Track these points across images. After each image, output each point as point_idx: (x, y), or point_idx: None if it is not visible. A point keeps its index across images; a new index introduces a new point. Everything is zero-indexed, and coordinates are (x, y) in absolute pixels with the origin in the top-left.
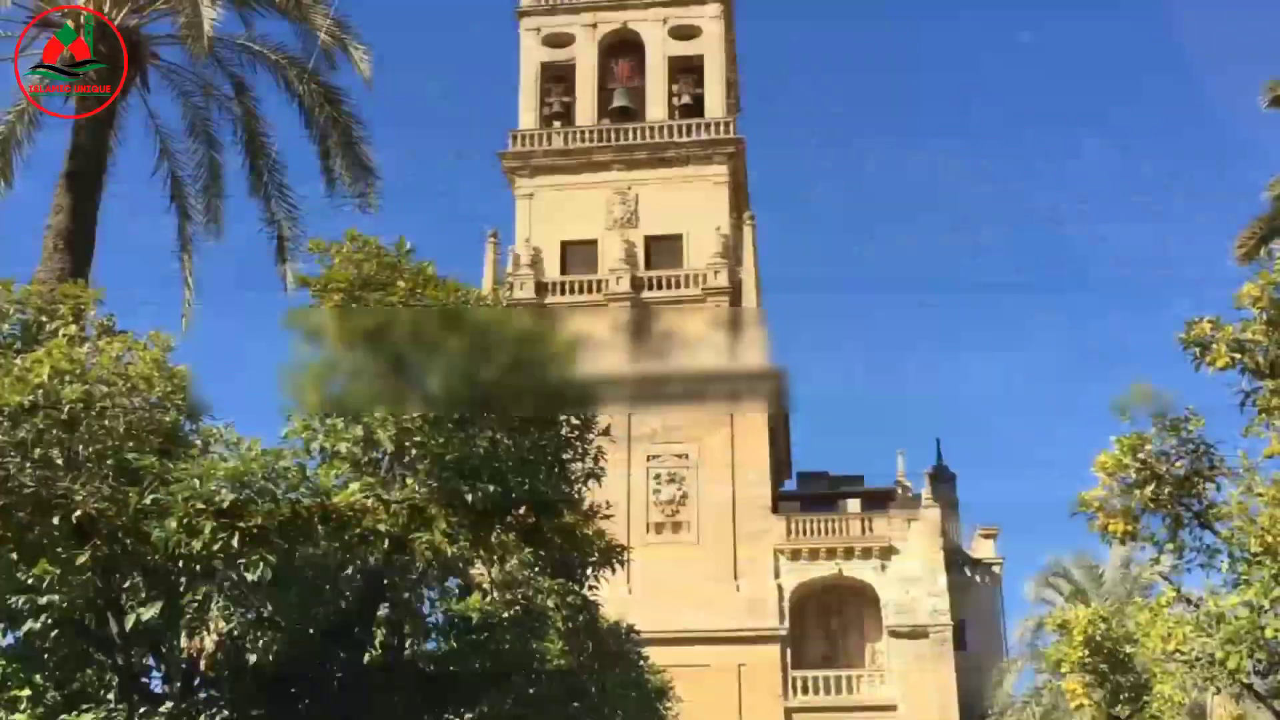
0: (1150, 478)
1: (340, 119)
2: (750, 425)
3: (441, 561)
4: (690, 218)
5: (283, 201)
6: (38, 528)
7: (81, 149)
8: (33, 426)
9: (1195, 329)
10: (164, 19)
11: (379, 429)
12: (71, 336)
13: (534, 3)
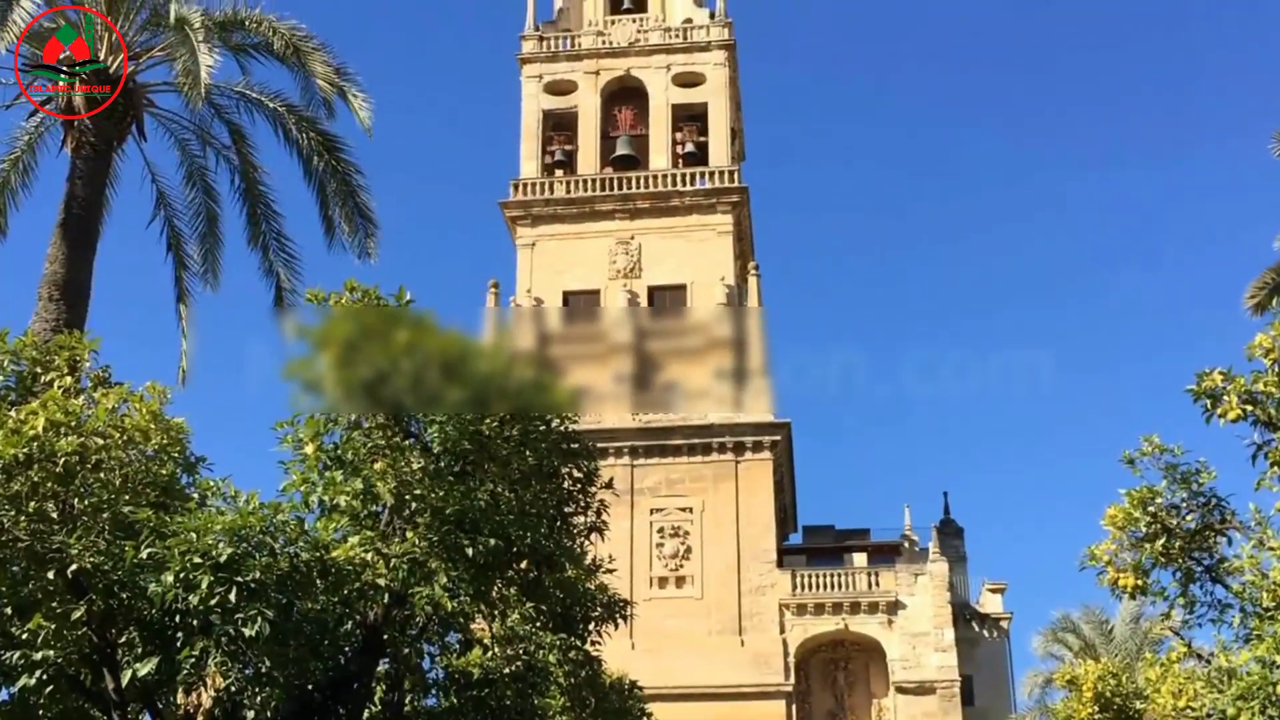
0: (1160, 531)
1: (339, 167)
2: (755, 478)
3: (442, 616)
4: (694, 268)
5: (281, 251)
6: (32, 582)
7: (77, 197)
8: (27, 479)
9: (1206, 380)
10: (160, 66)
11: (378, 482)
12: (67, 388)
13: (535, 50)
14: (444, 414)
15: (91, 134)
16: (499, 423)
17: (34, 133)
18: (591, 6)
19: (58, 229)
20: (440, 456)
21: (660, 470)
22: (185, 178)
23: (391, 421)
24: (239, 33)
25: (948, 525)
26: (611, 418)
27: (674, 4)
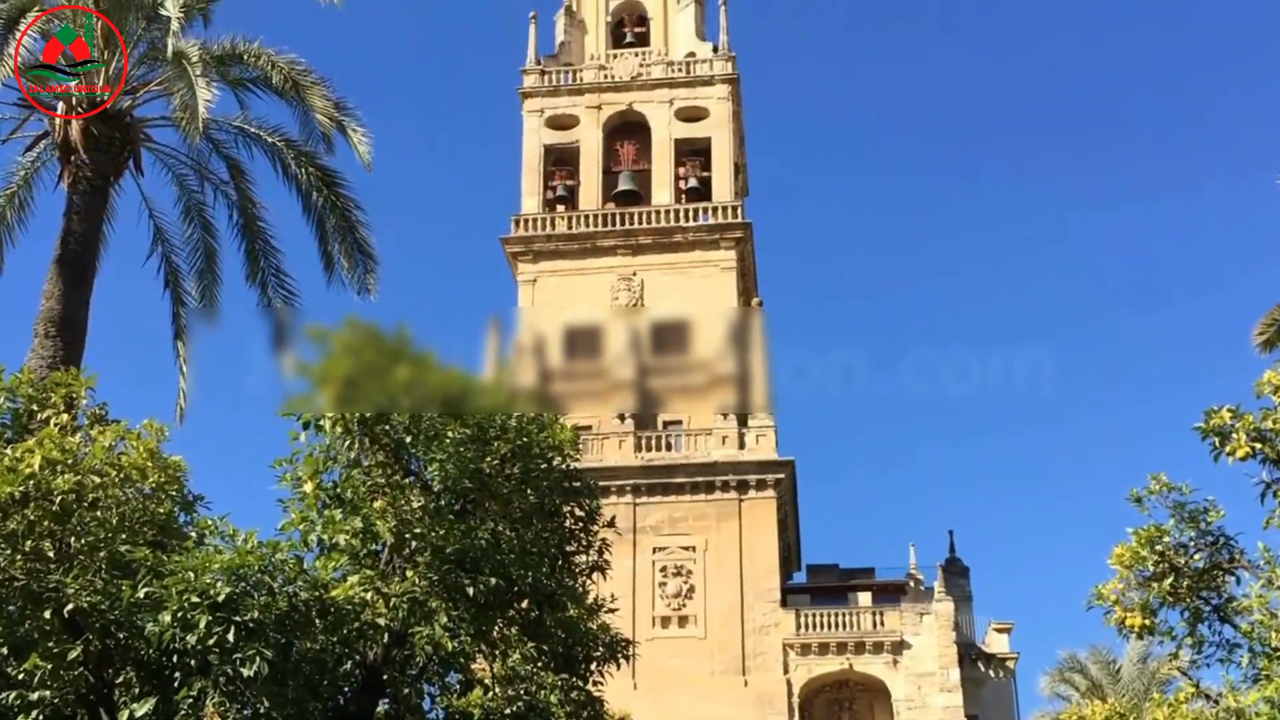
0: (1168, 570)
1: (339, 203)
2: (759, 516)
3: (442, 656)
4: (697, 303)
5: (280, 287)
6: (29, 621)
7: (73, 233)
8: (23, 518)
9: (1214, 418)
10: (158, 100)
11: (378, 520)
12: (63, 426)
13: (536, 84)
14: (444, 452)
15: (88, 169)
16: (500, 461)
17: (30, 168)
18: (593, 40)
19: (54, 265)
20: (441, 495)
21: (663, 509)
22: (183, 213)
23: (391, 459)
24: (237, 67)
25: (953, 564)
26: (614, 456)
27: (677, 38)
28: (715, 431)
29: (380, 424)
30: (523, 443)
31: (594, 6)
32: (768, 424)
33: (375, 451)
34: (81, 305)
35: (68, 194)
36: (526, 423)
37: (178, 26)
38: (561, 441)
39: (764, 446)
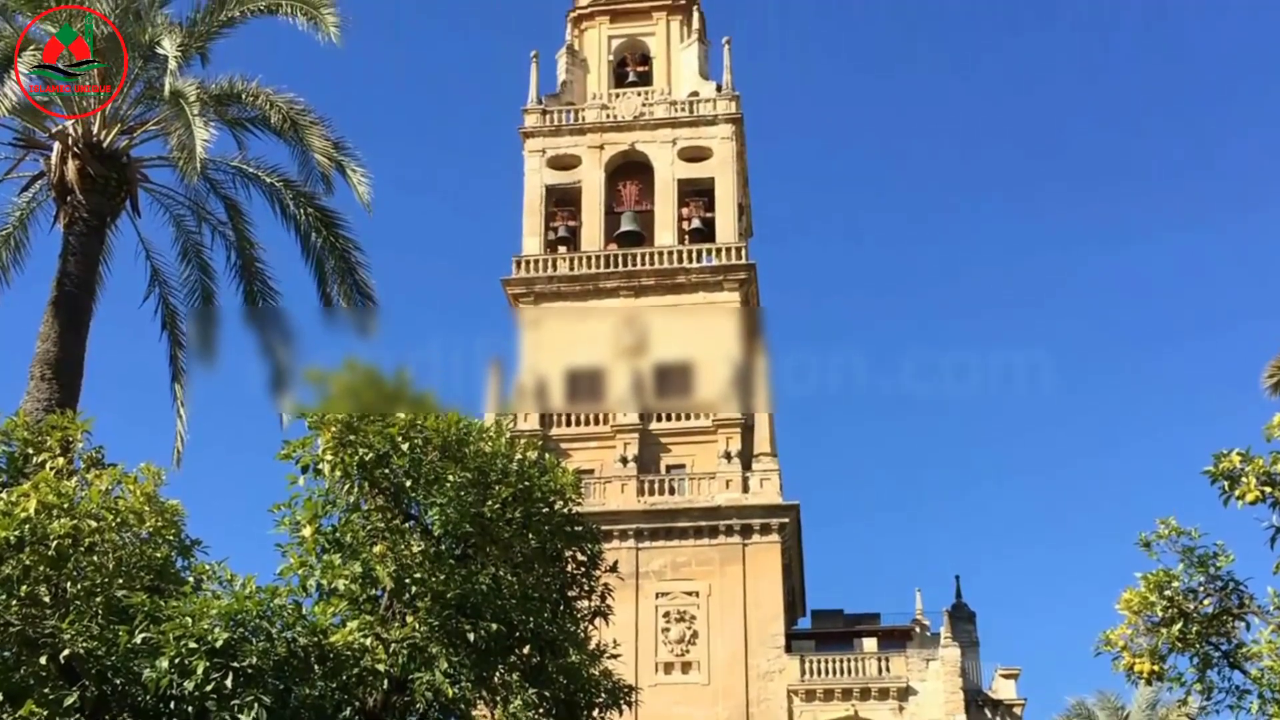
0: (1177, 616)
1: (338, 244)
2: (763, 561)
3: (443, 702)
4: (701, 346)
5: (278, 329)
6: (24, 667)
7: (69, 274)
8: (19, 563)
9: (1224, 462)
10: (155, 140)
11: (378, 565)
12: (59, 469)
13: (538, 123)
14: (445, 496)
15: (85, 210)
16: (501, 505)
17: (26, 208)
18: (595, 80)
19: (50, 307)
20: (441, 539)
21: (666, 553)
22: (180, 254)
23: (391, 503)
24: (235, 106)
25: (960, 610)
26: (616, 500)
27: (680, 77)
28: (719, 475)
29: (380, 467)
30: (524, 487)
31: (596, 46)
32: (772, 468)
33: (375, 495)
34: (78, 347)
35: (64, 235)
36: (528, 466)
37: (175, 65)
38: (563, 485)
39: (768, 490)
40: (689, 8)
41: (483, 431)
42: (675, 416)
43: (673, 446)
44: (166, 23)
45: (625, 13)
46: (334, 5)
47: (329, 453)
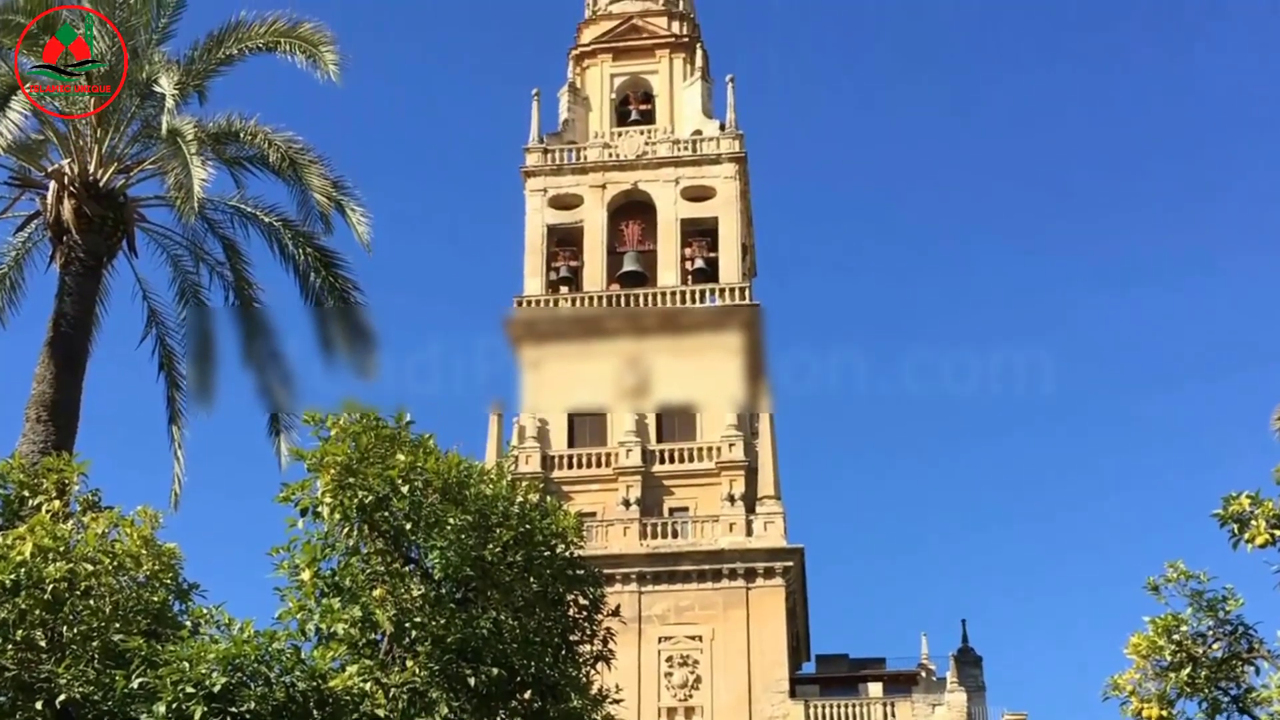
0: (1186, 660)
1: (337, 284)
2: (767, 605)
3: None
4: (704, 388)
5: (276, 370)
6: (20, 713)
7: (65, 315)
8: (14, 607)
9: (1233, 504)
10: (152, 179)
11: (377, 609)
12: (55, 512)
13: (539, 162)
14: (445, 539)
15: (81, 250)
16: (502, 548)
17: (21, 248)
18: (597, 118)
19: (46, 348)
20: (441, 583)
21: (669, 597)
22: (178, 294)
23: (391, 546)
24: (233, 145)
25: (966, 654)
26: (618, 543)
27: (683, 115)
28: (722, 518)
29: (379, 510)
30: (525, 530)
31: (598, 84)
32: (776, 511)
33: (374, 538)
34: (74, 389)
35: (60, 275)
36: (529, 509)
37: (173, 104)
38: (565, 528)
39: (772, 534)
40: (692, 46)
41: (483, 474)
42: (678, 459)
43: (676, 489)
44: (164, 60)
45: (628, 50)
46: (333, 44)
47: (328, 495)
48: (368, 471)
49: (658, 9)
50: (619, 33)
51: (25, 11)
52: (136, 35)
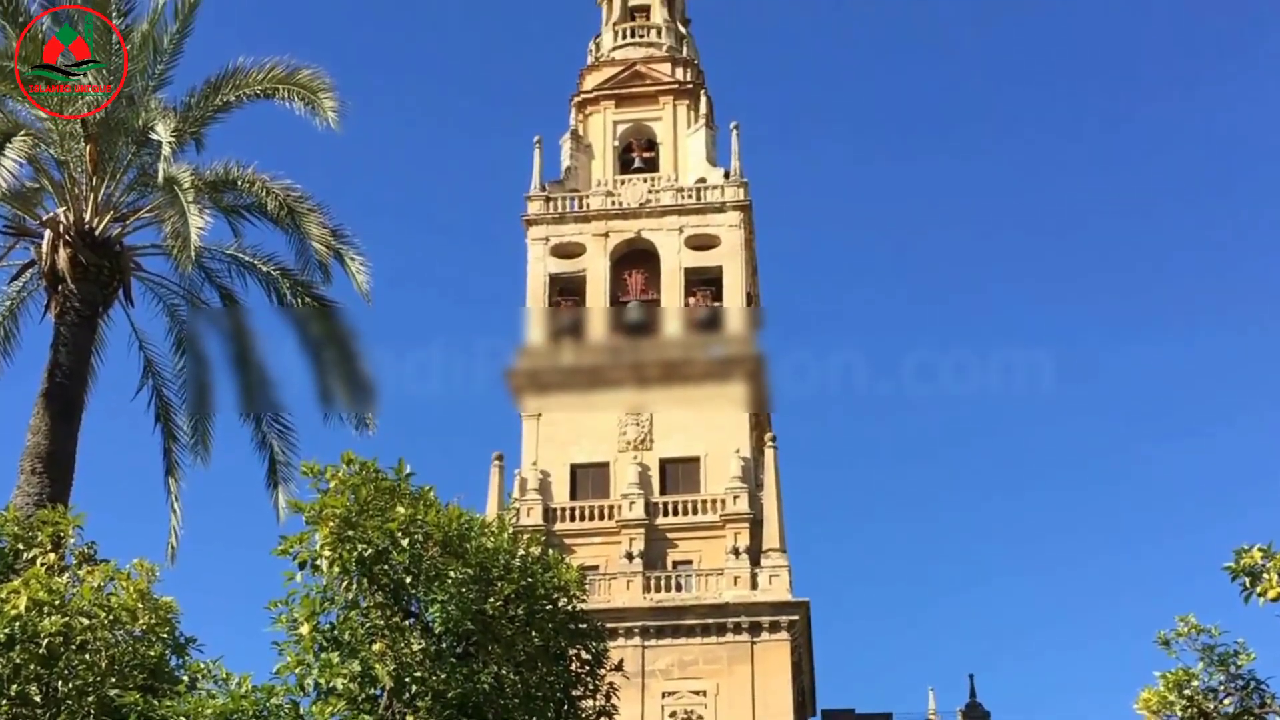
0: (1197, 716)
1: (336, 334)
2: (772, 660)
3: None
4: (708, 439)
5: (274, 422)
6: None
7: (60, 366)
8: (9, 661)
9: (1245, 557)
10: (148, 228)
11: (377, 664)
12: (50, 565)
13: (541, 210)
14: (446, 592)
15: (76, 299)
16: (503, 602)
17: (16, 298)
18: (600, 166)
19: (40, 398)
20: (442, 637)
21: (673, 651)
22: (174, 345)
23: (391, 600)
24: (231, 193)
25: (974, 709)
26: (621, 597)
27: (687, 163)
28: (727, 571)
29: (379, 563)
30: (527, 583)
31: (601, 131)
32: (781, 564)
33: (374, 592)
34: (69, 440)
35: (55, 325)
36: (531, 562)
37: (169, 151)
38: (567, 582)
39: (777, 587)
40: (696, 92)
41: (484, 527)
42: (682, 511)
43: (680, 542)
44: (160, 107)
45: (631, 97)
46: (332, 90)
47: (327, 548)
48: (367, 524)
49: (661, 55)
50: (622, 79)
51: (20, 58)
52: (133, 81)
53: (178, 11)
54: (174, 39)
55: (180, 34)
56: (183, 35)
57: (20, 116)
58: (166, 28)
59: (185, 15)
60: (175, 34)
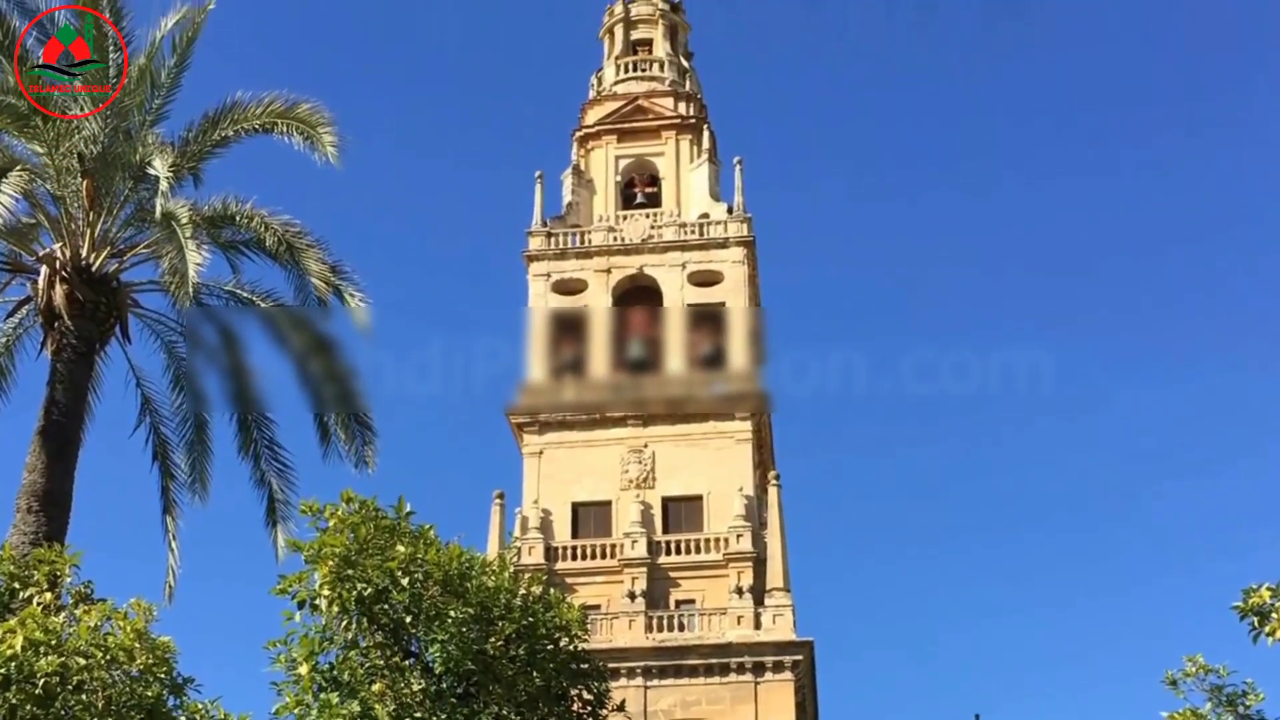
0: None
1: (335, 371)
2: (776, 700)
3: None
4: (711, 477)
5: (273, 460)
6: None
7: (57, 403)
8: (5, 701)
9: (1253, 597)
10: (146, 264)
11: (377, 704)
12: (47, 605)
13: (543, 246)
14: (446, 632)
15: (73, 336)
16: (504, 642)
17: (12, 334)
18: (602, 201)
19: (37, 436)
20: (442, 677)
21: (675, 692)
22: (172, 382)
23: (390, 640)
24: (229, 228)
25: None
26: (624, 636)
27: (690, 198)
28: (730, 611)
29: (379, 603)
30: (528, 623)
31: (603, 166)
32: (785, 603)
33: (373, 632)
34: (65, 478)
35: (51, 362)
36: (532, 602)
37: (167, 186)
38: (569, 621)
39: (781, 627)
40: (699, 127)
41: (485, 566)
42: (685, 550)
43: (682, 581)
44: (158, 142)
45: (633, 132)
46: (331, 125)
47: (326, 587)
48: (367, 563)
49: (664, 89)
50: (624, 113)
51: (15, 93)
52: (130, 116)
53: (175, 46)
54: (172, 73)
55: (178, 68)
56: (180, 69)
57: (16, 151)
58: (164, 62)
59: (183, 49)
60: (173, 68)
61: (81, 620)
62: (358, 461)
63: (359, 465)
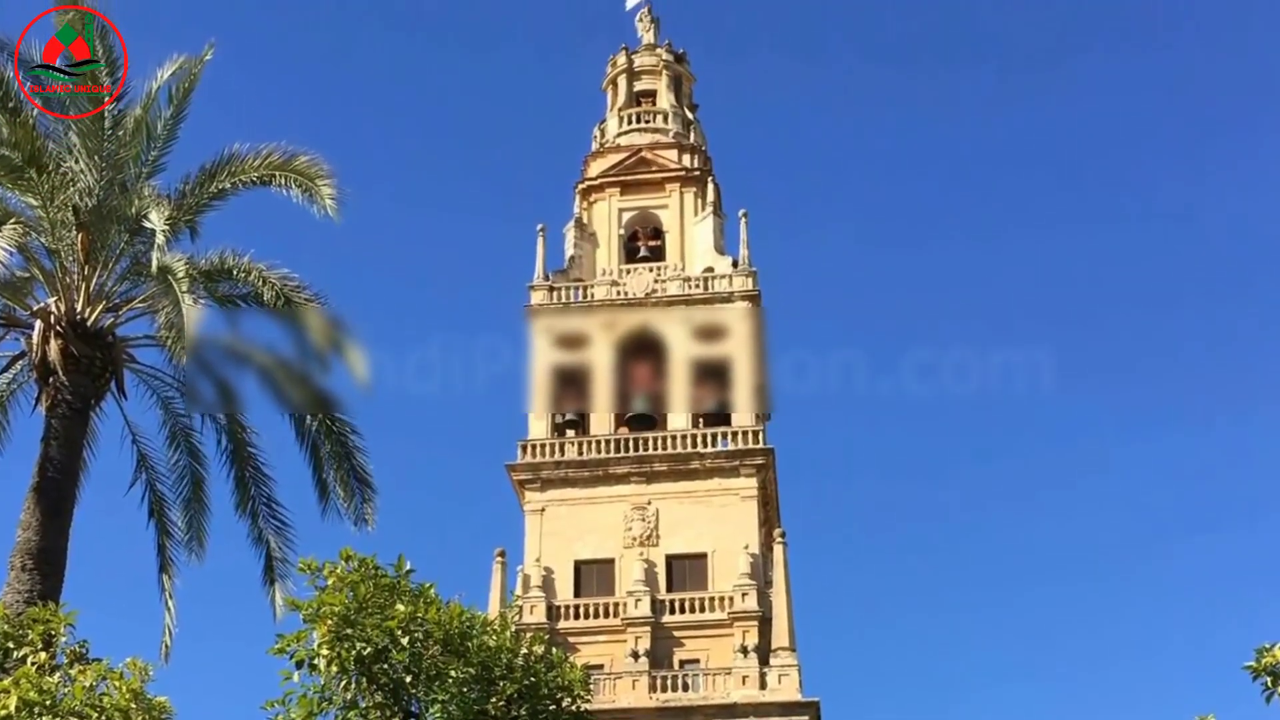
0: None
1: (334, 427)
2: None
3: None
4: (716, 535)
5: (271, 518)
6: None
7: (52, 460)
8: None
9: (1266, 657)
10: (141, 318)
11: None
12: (41, 664)
13: (544, 300)
14: (447, 692)
15: (68, 391)
16: (506, 702)
17: (6, 390)
18: (605, 254)
19: (31, 493)
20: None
21: None
22: (169, 438)
23: (390, 700)
24: (226, 282)
25: None
26: (627, 697)
27: (694, 252)
28: (735, 671)
29: (378, 663)
30: (530, 683)
31: (606, 219)
32: (791, 663)
33: (373, 692)
34: (60, 536)
35: (46, 418)
36: (534, 661)
37: (163, 240)
38: (571, 681)
39: (787, 687)
40: (703, 179)
41: (486, 625)
42: (689, 609)
43: (686, 640)
44: (154, 195)
45: (636, 184)
46: (330, 178)
47: (325, 647)
48: (366, 622)
49: (668, 141)
50: (628, 166)
51: (10, 144)
52: (125, 168)
53: (172, 97)
54: (168, 125)
55: (174, 119)
56: (177, 121)
57: (10, 204)
58: (160, 113)
59: (180, 100)
60: (169, 119)
61: (77, 680)
62: (357, 519)
63: (358, 523)
